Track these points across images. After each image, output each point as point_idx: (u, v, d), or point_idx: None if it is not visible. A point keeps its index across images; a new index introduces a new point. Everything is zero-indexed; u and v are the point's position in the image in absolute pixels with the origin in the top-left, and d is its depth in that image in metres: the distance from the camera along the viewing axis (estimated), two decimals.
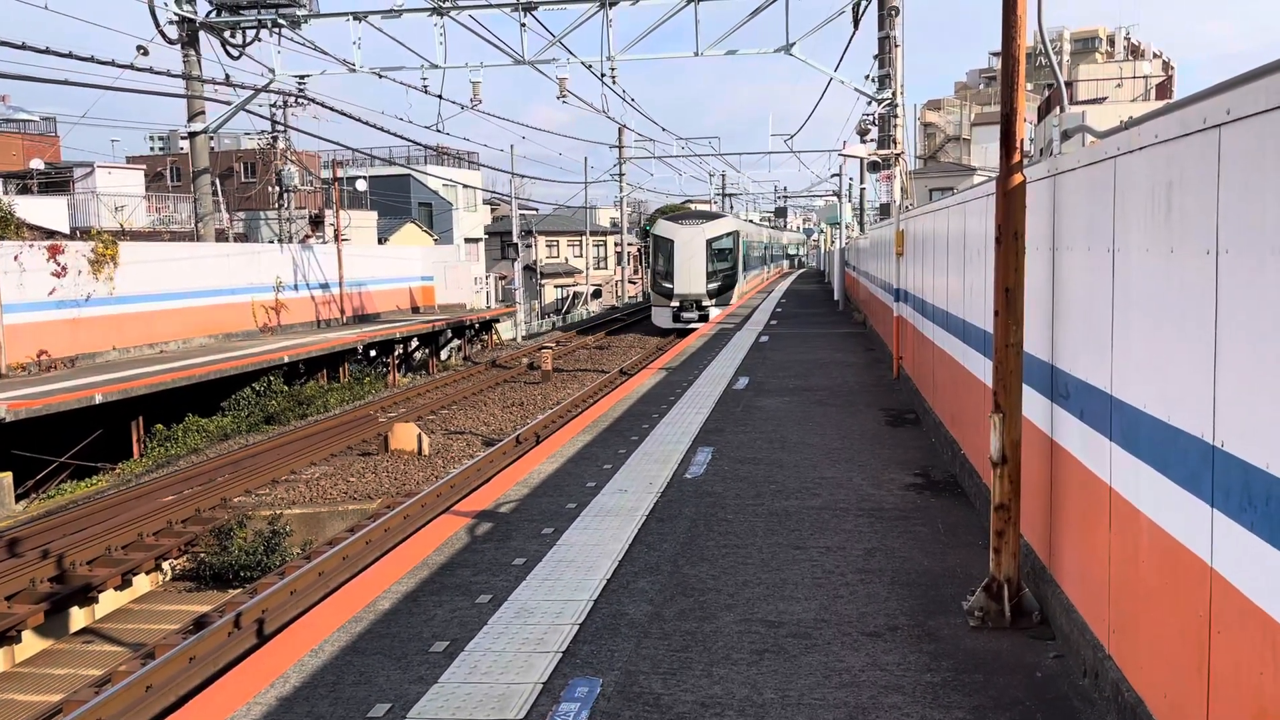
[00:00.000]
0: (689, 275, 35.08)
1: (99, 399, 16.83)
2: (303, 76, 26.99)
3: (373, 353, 27.99)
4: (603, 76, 25.07)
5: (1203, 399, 3.15)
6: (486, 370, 29.27)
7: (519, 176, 48.49)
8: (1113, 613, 4.12)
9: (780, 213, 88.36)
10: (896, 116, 21.74)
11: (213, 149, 32.54)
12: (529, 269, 59.87)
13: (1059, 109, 6.22)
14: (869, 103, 24.18)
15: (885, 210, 22.85)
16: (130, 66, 20.88)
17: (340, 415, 21.05)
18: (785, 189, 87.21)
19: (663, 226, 37.21)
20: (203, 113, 27.01)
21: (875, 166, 23.14)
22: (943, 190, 26.30)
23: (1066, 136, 5.74)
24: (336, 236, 32.29)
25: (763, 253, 52.07)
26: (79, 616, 10.90)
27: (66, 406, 16.26)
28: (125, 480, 16.79)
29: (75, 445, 17.31)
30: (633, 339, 36.20)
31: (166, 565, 12.36)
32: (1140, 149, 3.75)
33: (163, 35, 24.71)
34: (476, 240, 60.34)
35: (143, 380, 18.28)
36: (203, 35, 25.93)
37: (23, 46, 17.89)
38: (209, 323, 25.85)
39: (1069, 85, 42.40)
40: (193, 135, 27.21)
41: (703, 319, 33.30)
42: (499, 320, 40.19)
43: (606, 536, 7.01)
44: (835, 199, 44.26)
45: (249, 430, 20.43)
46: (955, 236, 8.79)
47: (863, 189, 40.34)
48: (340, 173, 35.95)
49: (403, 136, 77.32)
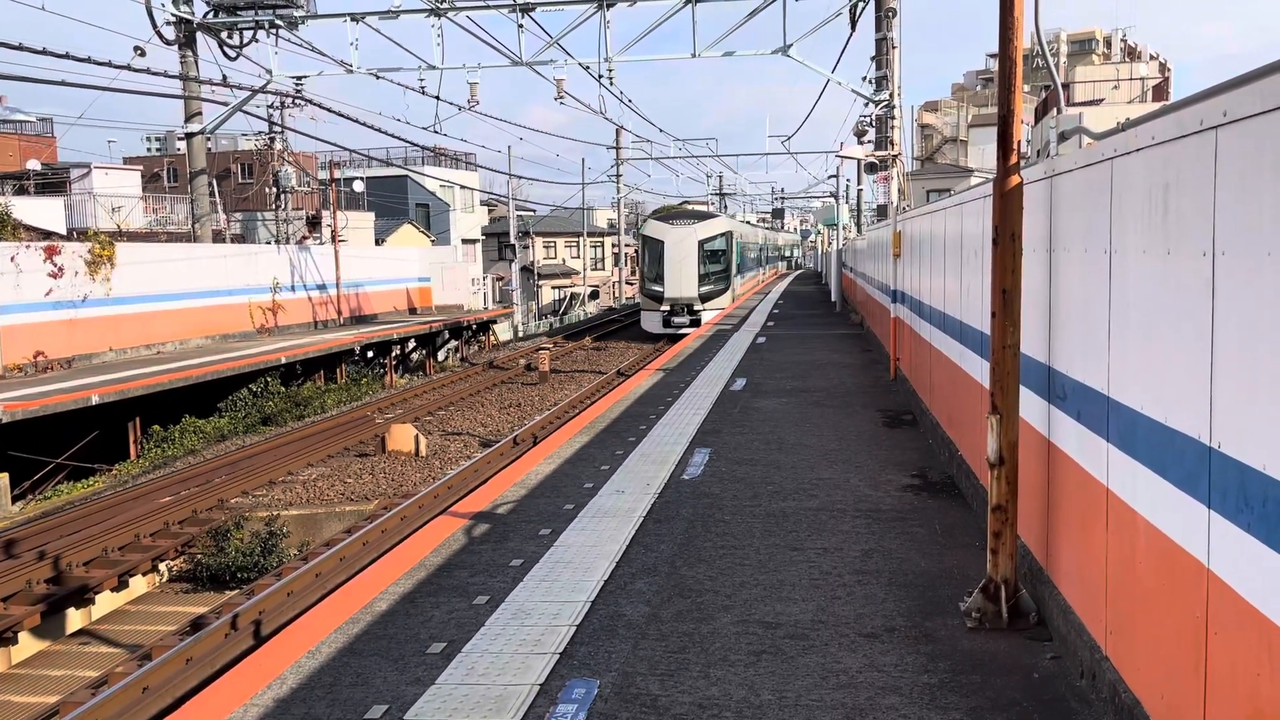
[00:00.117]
0: (680, 278, 33.83)
1: (96, 400, 16.81)
2: (300, 77, 26.99)
3: (370, 354, 28.00)
4: (600, 78, 25.08)
5: (1200, 400, 3.16)
6: (484, 371, 29.27)
7: (516, 177, 48.52)
8: (1110, 614, 4.12)
9: (778, 214, 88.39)
10: (894, 118, 21.78)
11: (210, 150, 32.51)
12: (526, 270, 59.86)
13: (1056, 111, 6.23)
14: (866, 104, 24.22)
15: (882, 211, 22.88)
16: (127, 67, 20.88)
17: (337, 416, 21.03)
18: (783, 190, 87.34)
19: (652, 227, 35.75)
20: (200, 113, 27.00)
21: (872, 168, 23.20)
22: (940, 192, 26.35)
23: (1064, 138, 5.75)
24: (333, 237, 32.28)
25: (758, 254, 50.70)
26: (76, 618, 10.88)
27: (63, 407, 16.24)
28: (122, 481, 16.76)
29: (72, 446, 17.29)
30: (629, 340, 36.19)
31: (163, 566, 12.34)
32: (1137, 151, 3.76)
33: (160, 36, 24.70)
34: (474, 241, 60.37)
35: (140, 381, 18.27)
36: (200, 36, 25.91)
37: (19, 47, 17.88)
38: (206, 324, 25.84)
39: (1066, 87, 42.45)
40: (190, 136, 27.20)
41: (694, 324, 32.30)
42: (496, 321, 40.18)
43: (604, 538, 7.00)
44: (832, 200, 44.31)
45: (246, 431, 20.42)
46: (952, 238, 8.79)
47: (860, 190, 40.34)
48: (337, 173, 35.94)
49: (400, 137, 77.49)
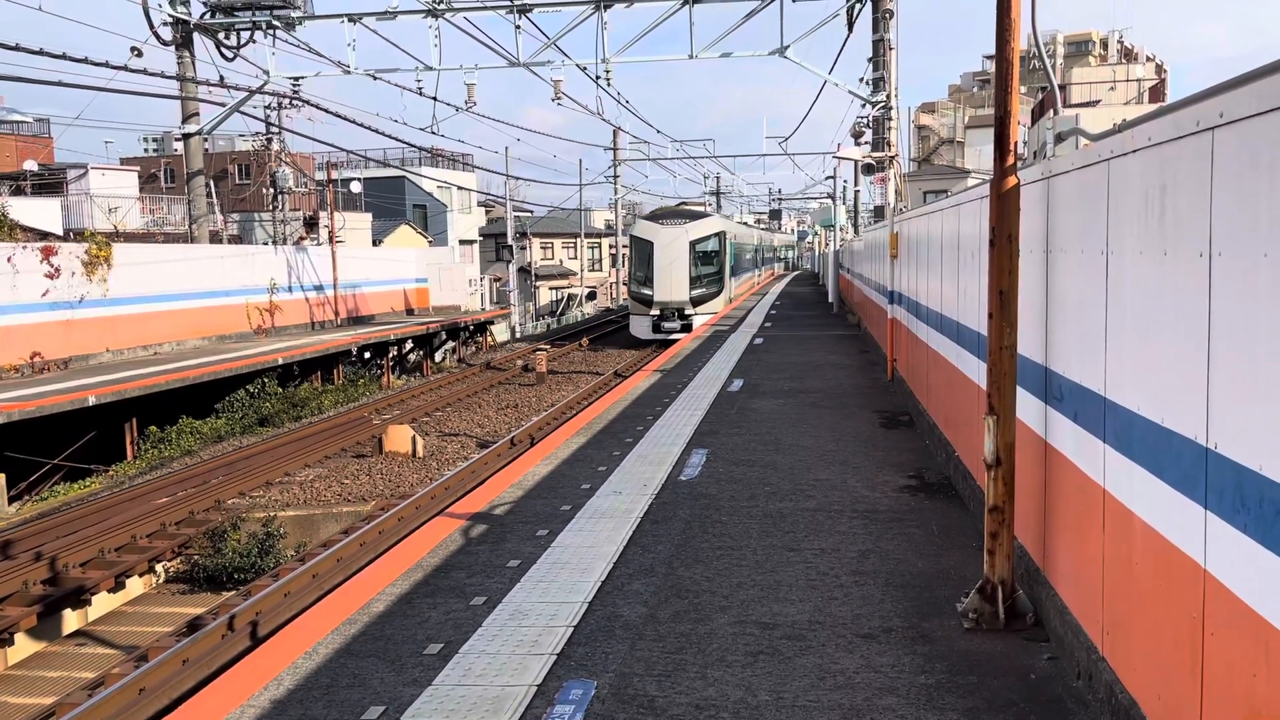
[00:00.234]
0: (670, 281, 32.22)
1: (92, 401, 16.79)
2: (297, 78, 26.97)
3: (367, 355, 27.98)
4: (598, 79, 25.11)
5: (1196, 401, 3.16)
6: (481, 372, 29.26)
7: (514, 178, 48.54)
8: (1106, 614, 4.12)
9: (775, 215, 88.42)
10: (890, 119, 21.80)
11: (207, 150, 32.50)
12: (523, 271, 59.84)
13: (1053, 112, 6.23)
14: (863, 105, 24.25)
15: (879, 213, 22.90)
16: (124, 68, 20.88)
17: (334, 417, 21.01)
18: (780, 191, 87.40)
19: (642, 227, 34.08)
20: (197, 114, 26.99)
21: (869, 169, 23.21)
22: (937, 193, 26.37)
23: (1060, 139, 5.75)
24: (331, 238, 32.26)
25: (754, 255, 49.62)
26: (72, 619, 10.86)
27: (60, 408, 16.22)
28: (119, 482, 16.74)
29: (69, 447, 17.27)
30: (627, 341, 36.09)
31: (160, 567, 12.33)
32: (1134, 152, 3.76)
33: (157, 37, 24.68)
34: (471, 242, 60.37)
35: (136, 382, 18.25)
36: (197, 37, 25.91)
37: (16, 48, 17.88)
38: (203, 324, 25.82)
39: (1063, 88, 42.52)
40: (187, 137, 27.18)
41: (685, 329, 30.80)
42: (493, 322, 40.17)
43: (601, 538, 7.00)
44: (830, 201, 44.34)
45: (243, 432, 20.40)
46: (949, 239, 8.80)
47: (857, 191, 40.37)
48: (335, 174, 35.93)
49: (397, 138, 77.52)
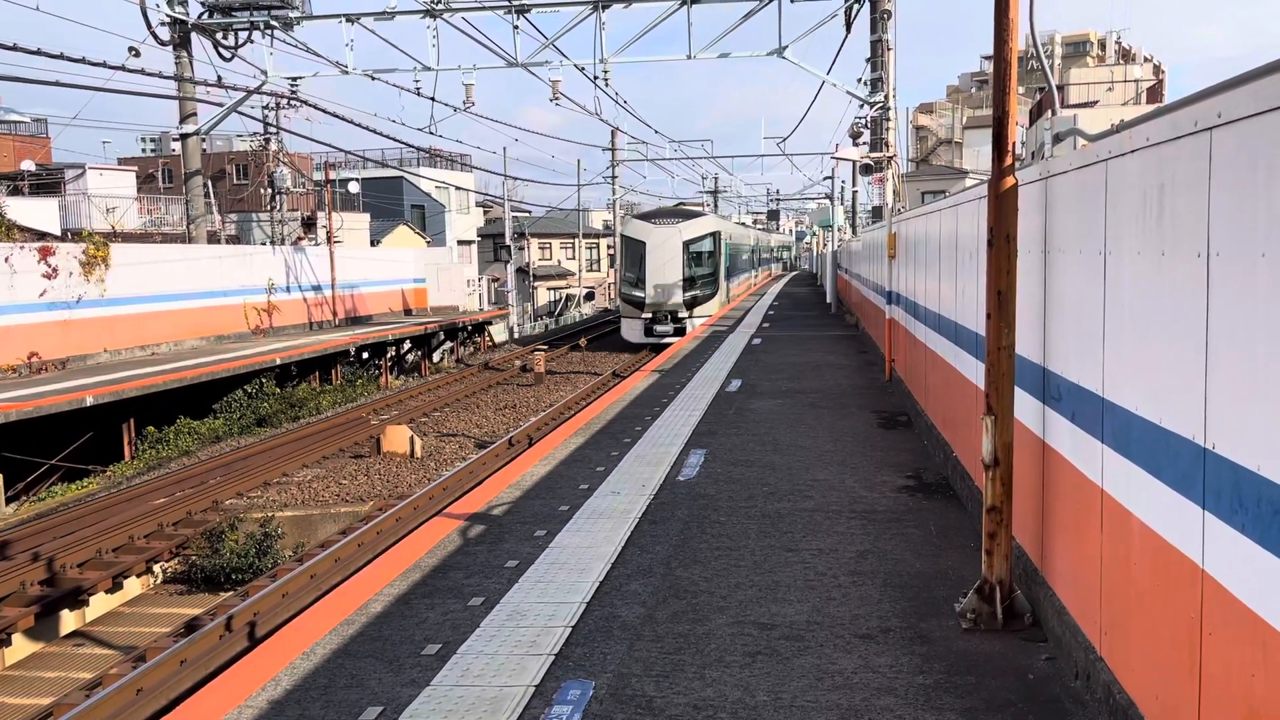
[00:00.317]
0: (663, 283, 31.08)
1: (90, 401, 16.78)
2: (295, 78, 26.96)
3: (365, 355, 27.97)
4: (596, 79, 25.13)
5: (1194, 401, 3.16)
6: (479, 373, 29.26)
7: (512, 179, 48.54)
8: (1104, 615, 4.12)
9: (773, 215, 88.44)
10: (888, 119, 21.80)
11: (205, 151, 32.50)
12: (522, 271, 59.83)
13: (1051, 112, 6.23)
14: (861, 106, 24.26)
15: (877, 213, 22.90)
16: (122, 68, 20.87)
17: (332, 417, 21.00)
18: (778, 192, 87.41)
19: (633, 226, 32.91)
20: (195, 114, 26.97)
21: (867, 169, 23.22)
22: (935, 193, 26.36)
23: (1058, 139, 5.75)
24: (329, 238, 32.23)
25: (750, 256, 48.76)
26: (69, 619, 10.85)
27: (57, 409, 16.20)
28: (116, 483, 16.73)
29: (66, 447, 17.26)
30: (623, 342, 36.02)
31: (158, 568, 12.32)
32: (1132, 152, 3.76)
33: (154, 37, 24.66)
34: (469, 243, 60.36)
35: (134, 382, 18.23)
36: (195, 37, 25.91)
37: (13, 48, 17.86)
38: (201, 325, 25.80)
39: (1060, 89, 42.47)
40: (185, 137, 27.16)
41: (679, 333, 29.78)
42: (491, 323, 40.15)
43: (599, 539, 7.00)
44: (828, 202, 44.33)
45: (241, 432, 20.39)
46: (947, 239, 8.80)
47: (855, 192, 40.36)
48: (333, 175, 35.90)
49: (395, 139, 77.26)
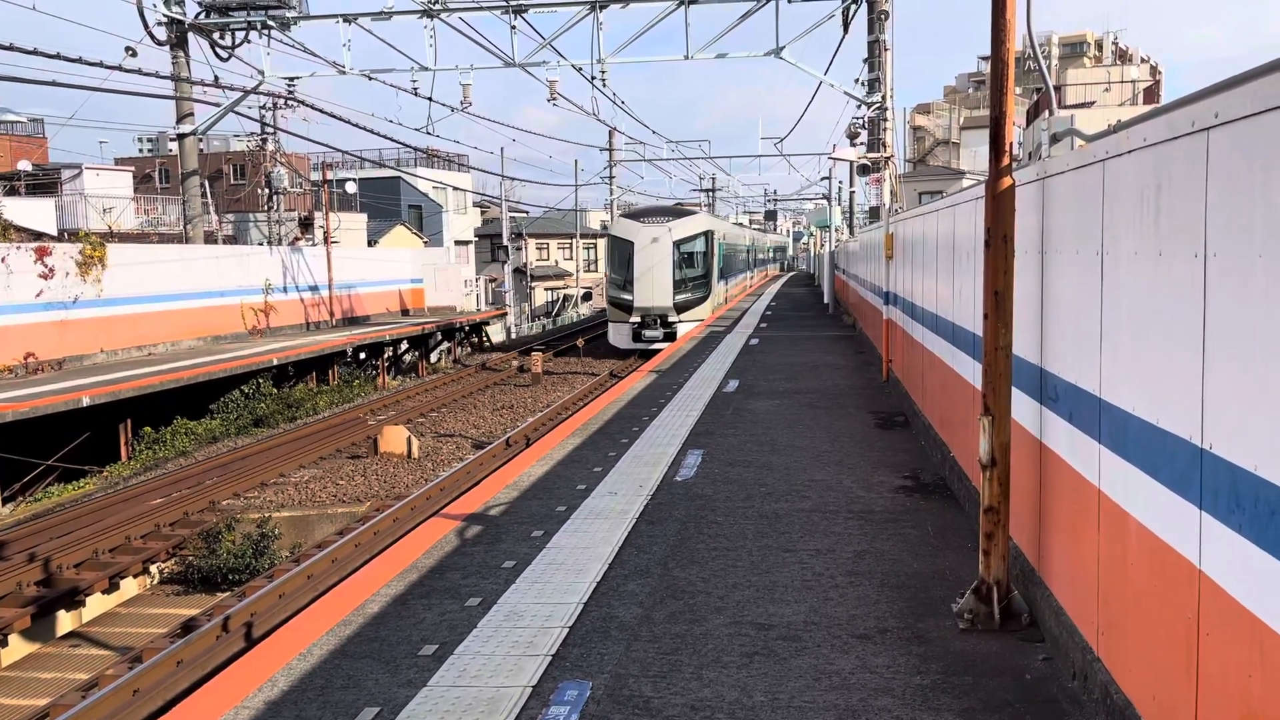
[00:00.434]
0: (652, 284, 29.46)
1: (87, 401, 16.75)
2: (292, 78, 26.92)
3: (362, 355, 27.95)
4: (593, 79, 25.09)
5: (1191, 402, 3.16)
6: (476, 373, 29.24)
7: (509, 179, 48.51)
8: (1101, 615, 4.13)
9: (770, 215, 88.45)
10: (886, 120, 21.80)
11: (202, 151, 32.44)
12: (519, 272, 59.83)
13: (1048, 113, 6.24)
14: (859, 106, 24.25)
15: (874, 213, 22.91)
16: (119, 68, 20.82)
17: (329, 418, 20.98)
18: (775, 192, 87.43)
19: (621, 226, 31.38)
20: (191, 114, 26.92)
21: (865, 170, 23.21)
22: (932, 194, 26.38)
23: (1055, 140, 5.76)
24: (326, 239, 32.20)
25: (746, 256, 47.53)
26: (66, 620, 10.84)
27: (54, 409, 16.17)
28: (113, 483, 16.70)
29: (62, 448, 17.22)
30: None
31: (154, 568, 12.30)
32: (1129, 152, 3.76)
33: (151, 37, 24.62)
34: (466, 243, 60.32)
35: (131, 383, 18.20)
36: (191, 37, 25.86)
37: (10, 48, 17.83)
38: (198, 325, 25.76)
39: (1058, 89, 42.63)
40: (181, 137, 27.11)
41: (669, 338, 28.31)
42: (489, 323, 40.14)
43: (596, 539, 6.99)
44: (825, 202, 44.34)
45: (238, 433, 20.36)
46: (944, 240, 8.81)
47: (852, 192, 40.38)
48: (330, 175, 35.86)
49: (392, 139, 77.41)
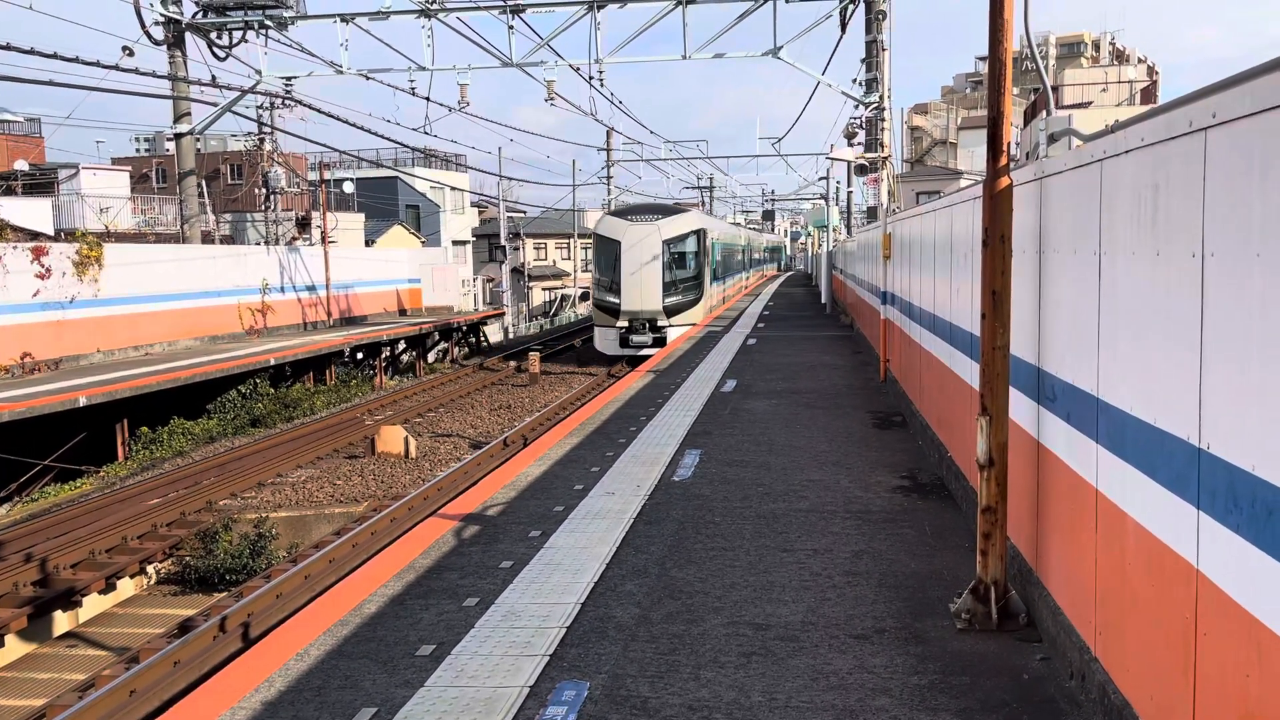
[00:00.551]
0: (640, 287, 27.86)
1: (83, 401, 16.72)
2: (289, 78, 26.90)
3: (359, 355, 27.93)
4: (591, 79, 25.11)
5: (1188, 401, 3.16)
6: (474, 373, 29.23)
7: (507, 179, 48.49)
8: (1099, 615, 4.13)
9: (768, 215, 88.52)
10: (883, 120, 21.79)
11: (199, 150, 32.41)
12: (517, 271, 59.79)
13: (1045, 113, 6.25)
14: (856, 106, 24.27)
15: (872, 214, 22.92)
16: (116, 67, 20.79)
17: (327, 418, 20.97)
18: (773, 192, 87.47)
19: (607, 224, 29.48)
20: (189, 114, 26.90)
21: (862, 170, 23.21)
22: (929, 194, 26.39)
23: (1053, 140, 5.77)
24: (323, 239, 32.18)
25: (742, 257, 46.19)
26: (62, 620, 10.82)
27: (50, 409, 16.14)
28: (109, 483, 16.68)
29: (59, 448, 17.20)
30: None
31: (151, 569, 12.29)
32: (1126, 152, 3.76)
33: (148, 36, 24.60)
34: (464, 243, 60.31)
35: (128, 383, 18.18)
36: (189, 36, 25.83)
37: (7, 47, 17.80)
38: (195, 325, 25.73)
39: (1055, 90, 42.65)
40: (178, 137, 27.08)
41: (658, 343, 26.81)
42: (486, 323, 40.13)
43: (594, 539, 6.99)
44: (823, 202, 44.36)
45: (235, 433, 20.34)
46: (942, 239, 8.81)
47: (850, 192, 40.41)
48: (327, 175, 35.82)
49: (390, 139, 77.22)
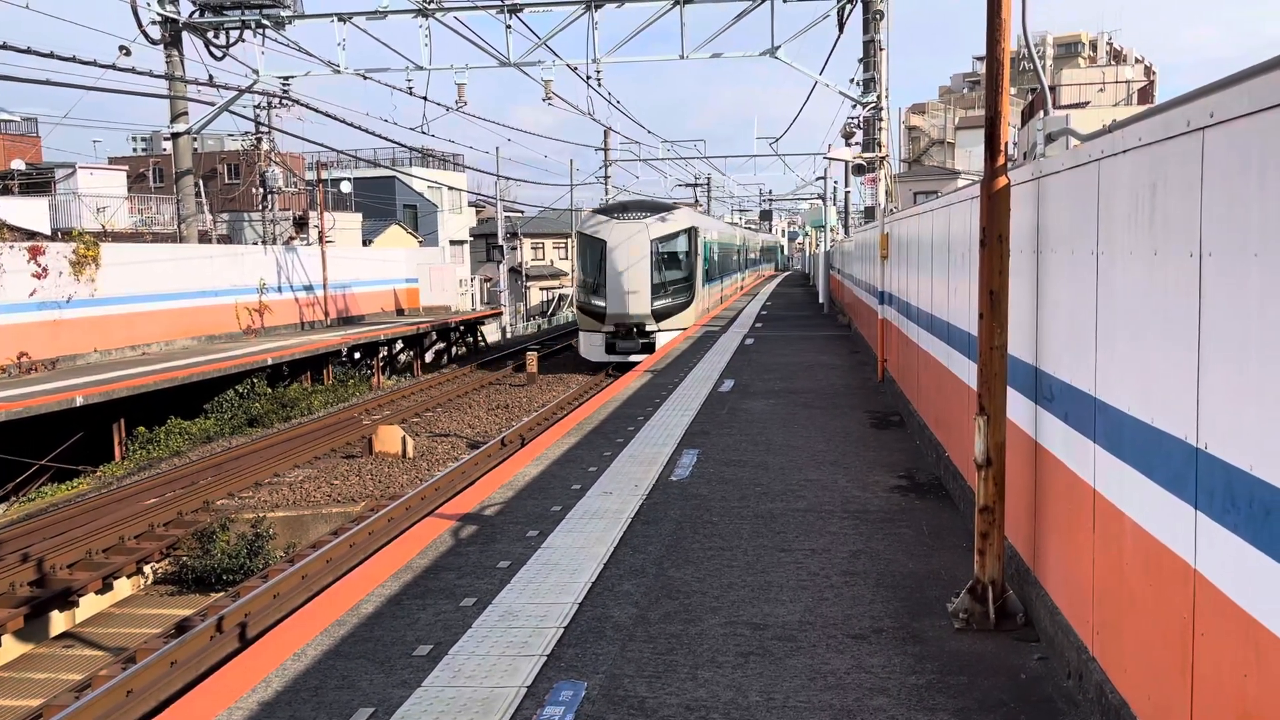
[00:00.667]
0: (627, 290, 26.16)
1: (80, 401, 16.70)
2: (287, 77, 26.88)
3: (357, 355, 27.91)
4: (588, 79, 25.09)
5: (1186, 401, 3.16)
6: (471, 372, 29.22)
7: (504, 179, 48.47)
8: (1097, 615, 4.13)
9: (766, 215, 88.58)
10: (881, 120, 21.79)
11: (196, 150, 32.37)
12: (514, 271, 59.78)
13: (1043, 113, 6.25)
14: (854, 106, 24.26)
15: (870, 213, 22.93)
16: (112, 67, 20.75)
17: (324, 418, 20.95)
18: (771, 192, 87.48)
19: (592, 222, 27.52)
20: (186, 113, 26.87)
21: (860, 170, 23.20)
22: (927, 193, 26.40)
23: (1050, 140, 5.77)
24: (320, 238, 32.16)
25: (738, 257, 44.76)
26: (59, 620, 10.80)
27: (47, 409, 16.12)
28: (106, 483, 16.65)
29: (56, 448, 17.17)
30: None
31: (148, 569, 12.27)
32: (1124, 152, 3.76)
33: (145, 35, 24.57)
34: (462, 242, 60.26)
35: (125, 382, 18.15)
36: (186, 36, 25.80)
37: (3, 46, 17.76)
38: (192, 324, 25.71)
39: (1052, 89, 42.61)
40: (176, 136, 27.06)
41: (647, 349, 25.45)
42: (484, 322, 40.11)
43: (592, 539, 6.99)
44: (820, 202, 44.38)
45: (232, 433, 20.32)
46: (940, 239, 8.81)
47: (847, 192, 40.43)
48: (324, 174, 35.80)
49: (387, 138, 77.16)
